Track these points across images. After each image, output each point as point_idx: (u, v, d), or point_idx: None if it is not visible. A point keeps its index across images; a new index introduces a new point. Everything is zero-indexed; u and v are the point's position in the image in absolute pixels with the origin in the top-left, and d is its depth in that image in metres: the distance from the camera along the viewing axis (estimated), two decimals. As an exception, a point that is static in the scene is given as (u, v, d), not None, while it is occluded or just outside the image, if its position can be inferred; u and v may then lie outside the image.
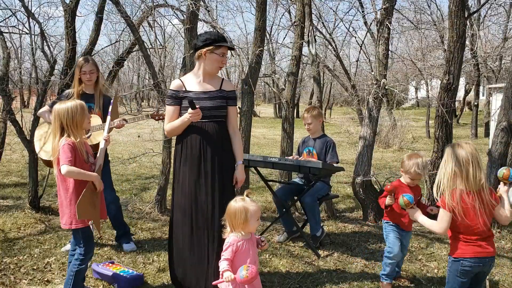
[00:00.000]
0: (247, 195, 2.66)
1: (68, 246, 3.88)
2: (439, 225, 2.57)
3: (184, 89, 3.10)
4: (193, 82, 3.12)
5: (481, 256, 2.51)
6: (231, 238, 2.63)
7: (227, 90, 3.16)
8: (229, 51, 3.22)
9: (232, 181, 3.16)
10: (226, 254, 2.59)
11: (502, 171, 2.63)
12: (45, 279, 3.35)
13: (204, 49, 3.03)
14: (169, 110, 3.13)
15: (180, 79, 3.17)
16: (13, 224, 4.62)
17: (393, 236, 3.31)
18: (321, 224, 4.27)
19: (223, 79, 3.23)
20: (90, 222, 2.89)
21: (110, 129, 3.38)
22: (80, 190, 2.80)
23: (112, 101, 3.68)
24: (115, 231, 4.20)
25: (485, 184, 2.50)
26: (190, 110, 2.96)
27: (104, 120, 3.78)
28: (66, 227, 2.88)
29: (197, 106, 2.97)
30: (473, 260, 2.52)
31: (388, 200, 3.21)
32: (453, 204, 2.48)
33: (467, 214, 2.47)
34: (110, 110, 3.54)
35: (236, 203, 2.62)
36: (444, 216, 2.54)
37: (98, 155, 3.05)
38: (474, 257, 2.52)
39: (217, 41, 3.04)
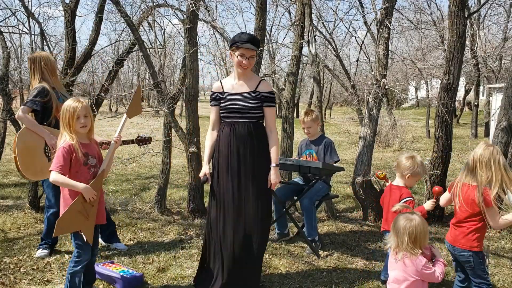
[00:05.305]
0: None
1: (41, 252, 3.79)
2: (441, 200, 3.01)
3: (222, 90, 3.22)
4: (229, 84, 3.22)
5: (447, 240, 2.87)
6: (423, 259, 2.47)
7: (262, 91, 3.16)
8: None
9: (266, 182, 3.17)
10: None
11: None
12: (45, 279, 3.35)
13: (230, 51, 3.13)
14: (211, 110, 3.29)
15: (220, 81, 3.30)
16: (13, 224, 4.62)
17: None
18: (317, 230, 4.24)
19: (261, 80, 3.23)
20: (80, 231, 2.75)
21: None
22: (75, 195, 2.72)
23: (132, 95, 3.32)
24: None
25: (482, 184, 2.64)
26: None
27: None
28: None
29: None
30: (445, 242, 2.89)
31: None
32: (451, 189, 2.85)
33: (454, 201, 2.80)
34: (127, 108, 3.23)
35: (411, 221, 2.45)
36: (445, 194, 2.96)
37: (105, 157, 2.91)
38: (446, 239, 2.89)
39: (236, 42, 3.07)
